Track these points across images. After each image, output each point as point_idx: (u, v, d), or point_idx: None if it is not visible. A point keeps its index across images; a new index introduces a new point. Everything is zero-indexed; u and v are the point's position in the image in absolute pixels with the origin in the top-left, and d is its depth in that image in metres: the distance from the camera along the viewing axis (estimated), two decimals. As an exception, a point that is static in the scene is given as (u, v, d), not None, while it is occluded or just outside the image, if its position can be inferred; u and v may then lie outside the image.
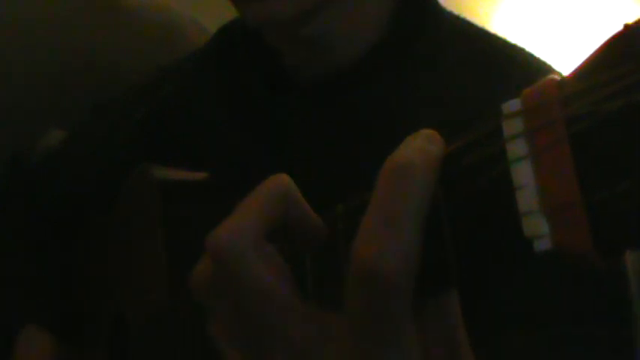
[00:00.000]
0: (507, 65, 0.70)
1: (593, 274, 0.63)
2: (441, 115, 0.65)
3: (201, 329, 0.55)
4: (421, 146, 0.32)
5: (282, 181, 0.37)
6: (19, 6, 0.99)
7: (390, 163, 0.32)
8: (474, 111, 0.58)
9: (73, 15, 0.99)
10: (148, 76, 0.87)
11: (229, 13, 0.76)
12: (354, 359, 0.34)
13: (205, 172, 0.68)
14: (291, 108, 0.73)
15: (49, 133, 0.91)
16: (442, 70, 0.70)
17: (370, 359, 0.34)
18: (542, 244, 0.28)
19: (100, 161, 0.84)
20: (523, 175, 0.28)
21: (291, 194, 0.37)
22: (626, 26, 0.26)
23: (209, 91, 0.79)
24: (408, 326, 0.33)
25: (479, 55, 0.71)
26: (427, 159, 0.31)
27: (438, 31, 0.72)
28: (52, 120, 0.93)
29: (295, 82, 0.74)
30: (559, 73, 0.30)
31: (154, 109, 0.81)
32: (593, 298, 0.64)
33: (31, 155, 0.90)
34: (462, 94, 0.68)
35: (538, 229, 0.28)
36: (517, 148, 0.28)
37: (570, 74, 0.28)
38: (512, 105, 0.29)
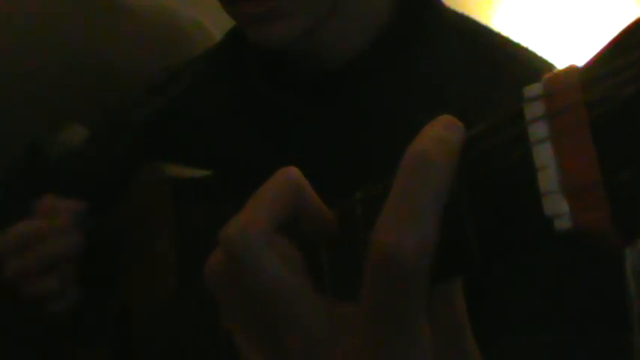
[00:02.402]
0: (509, 63, 0.70)
1: (595, 275, 0.64)
2: (442, 111, 0.66)
3: (207, 322, 0.55)
4: (439, 134, 0.32)
5: (291, 173, 0.37)
6: (20, 7, 0.99)
7: (409, 152, 0.32)
8: (475, 107, 0.59)
9: (74, 16, 0.99)
10: (156, 77, 0.87)
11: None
12: (368, 348, 0.34)
13: (213, 170, 0.68)
14: (296, 105, 0.73)
15: (69, 128, 0.91)
16: (444, 66, 0.71)
17: (384, 347, 0.34)
18: (562, 224, 0.28)
19: (108, 160, 0.85)
20: (544, 156, 0.29)
21: (301, 186, 0.37)
22: (647, 12, 0.27)
23: (216, 92, 0.79)
24: (421, 314, 0.33)
25: (481, 52, 0.72)
26: (445, 147, 0.32)
27: (440, 28, 0.72)
28: (54, 120, 0.93)
29: (300, 79, 0.74)
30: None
31: (161, 108, 0.82)
32: (595, 300, 0.64)
33: (50, 148, 0.90)
34: (464, 91, 0.69)
35: (558, 208, 0.28)
36: (538, 131, 0.29)
37: (591, 60, 0.29)
38: (534, 89, 0.30)
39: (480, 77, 0.69)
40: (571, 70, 0.29)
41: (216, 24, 0.98)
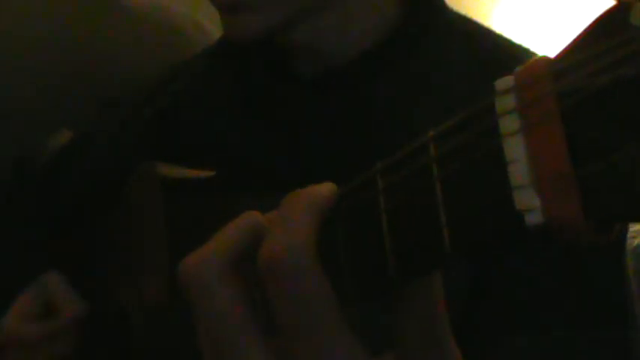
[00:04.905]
0: (512, 64, 0.70)
1: (595, 275, 0.64)
2: (444, 112, 0.66)
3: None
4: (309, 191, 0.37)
5: (252, 216, 0.40)
6: (17, 6, 0.99)
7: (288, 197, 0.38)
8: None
9: (71, 15, 0.99)
10: (159, 75, 0.87)
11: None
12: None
13: (213, 168, 0.68)
14: (300, 103, 0.73)
15: (58, 133, 0.91)
16: (447, 68, 0.70)
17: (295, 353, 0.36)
18: (534, 218, 0.28)
19: (110, 159, 0.84)
20: (515, 149, 0.28)
21: (259, 226, 0.39)
22: (618, 0, 0.27)
23: (219, 89, 0.79)
24: (329, 322, 0.35)
25: (483, 54, 0.71)
26: (310, 200, 0.37)
27: (444, 29, 0.72)
28: (54, 120, 0.93)
29: (304, 75, 0.74)
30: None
31: (164, 106, 0.82)
32: (595, 300, 0.64)
33: (41, 154, 0.90)
34: (466, 93, 0.68)
35: (529, 202, 0.28)
36: (509, 124, 0.29)
37: (563, 50, 0.29)
38: (505, 82, 0.30)
39: (484, 79, 0.69)
40: (542, 61, 0.29)
41: (216, 24, 0.98)
